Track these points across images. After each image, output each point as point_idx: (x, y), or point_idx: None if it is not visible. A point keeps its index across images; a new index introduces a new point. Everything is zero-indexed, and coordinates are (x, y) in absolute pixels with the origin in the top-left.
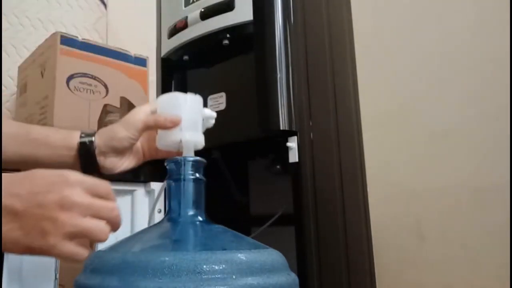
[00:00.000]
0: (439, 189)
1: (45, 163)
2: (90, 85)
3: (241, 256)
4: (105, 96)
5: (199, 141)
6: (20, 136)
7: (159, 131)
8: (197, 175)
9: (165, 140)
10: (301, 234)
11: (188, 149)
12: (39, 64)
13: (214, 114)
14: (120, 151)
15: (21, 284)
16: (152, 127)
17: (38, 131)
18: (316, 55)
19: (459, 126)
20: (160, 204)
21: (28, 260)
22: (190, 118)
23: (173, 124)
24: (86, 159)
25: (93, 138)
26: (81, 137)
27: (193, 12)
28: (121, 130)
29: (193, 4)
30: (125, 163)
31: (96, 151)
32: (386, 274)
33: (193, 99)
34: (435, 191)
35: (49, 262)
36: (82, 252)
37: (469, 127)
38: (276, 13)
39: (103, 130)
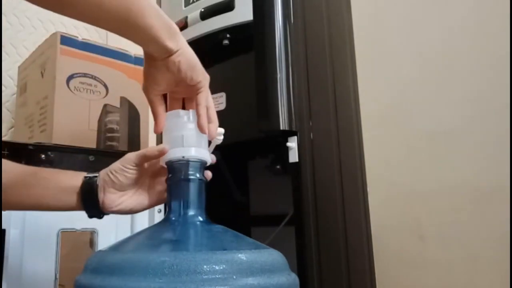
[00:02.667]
0: (439, 189)
1: (48, 202)
2: (90, 85)
3: (242, 256)
4: (105, 96)
5: (204, 157)
6: (28, 176)
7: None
8: (197, 175)
9: (168, 157)
10: (301, 234)
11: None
12: (39, 64)
13: (222, 130)
14: (117, 187)
15: (21, 284)
16: (144, 158)
17: (45, 171)
18: (316, 55)
19: (459, 126)
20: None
21: (28, 260)
22: (193, 134)
23: (160, 153)
24: (88, 195)
25: (97, 174)
26: (87, 173)
27: (193, 12)
28: (116, 164)
29: (193, 4)
30: (125, 203)
31: (98, 187)
32: (386, 274)
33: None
34: (435, 191)
35: (49, 262)
36: None
37: (469, 127)
38: (276, 13)
39: (105, 169)
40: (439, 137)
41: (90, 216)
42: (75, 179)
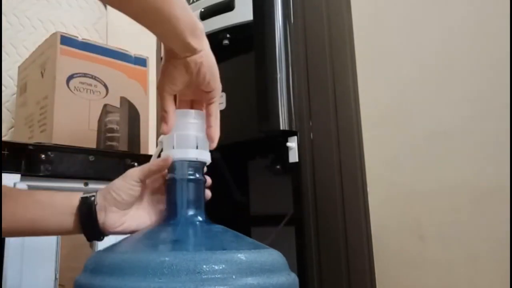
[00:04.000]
0: (439, 189)
1: (46, 226)
2: (90, 85)
3: (241, 256)
4: (105, 96)
5: (204, 157)
6: (23, 199)
7: (164, 149)
8: (197, 175)
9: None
10: (301, 234)
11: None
12: (39, 64)
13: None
14: (120, 206)
15: (21, 284)
16: (149, 174)
17: (40, 193)
18: (316, 55)
19: (459, 126)
20: None
21: (29, 260)
22: (193, 135)
23: (165, 165)
24: (86, 216)
25: (94, 194)
26: (83, 194)
27: (193, 12)
28: (118, 181)
29: (193, 4)
30: (127, 222)
31: (97, 207)
32: (386, 274)
33: (199, 115)
34: (435, 191)
35: (49, 262)
36: None
37: (469, 127)
38: (276, 13)
39: (104, 187)
40: (439, 137)
41: (90, 239)
42: (71, 199)
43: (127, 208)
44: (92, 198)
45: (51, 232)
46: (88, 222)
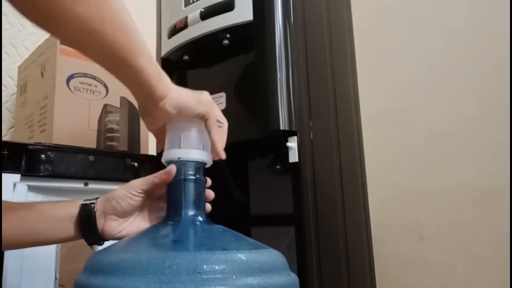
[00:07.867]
0: (439, 189)
1: (48, 236)
2: (90, 85)
3: (241, 256)
4: (105, 96)
5: (204, 157)
6: (23, 211)
7: (168, 147)
8: (197, 175)
9: (168, 157)
10: (301, 234)
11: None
12: (39, 64)
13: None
14: (119, 214)
15: (21, 284)
16: (153, 185)
17: (40, 204)
18: (316, 55)
19: (459, 126)
20: None
21: (28, 260)
22: (194, 135)
23: (168, 176)
24: (86, 223)
25: (94, 201)
26: (83, 201)
27: (193, 12)
28: (119, 190)
29: (193, 4)
30: (126, 229)
31: (97, 214)
32: (386, 274)
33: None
34: (435, 191)
35: (49, 262)
36: None
37: (469, 127)
38: (276, 13)
39: (105, 194)
40: (439, 137)
41: (90, 244)
42: (71, 207)
43: (127, 216)
44: (92, 205)
45: (54, 241)
46: (87, 229)
